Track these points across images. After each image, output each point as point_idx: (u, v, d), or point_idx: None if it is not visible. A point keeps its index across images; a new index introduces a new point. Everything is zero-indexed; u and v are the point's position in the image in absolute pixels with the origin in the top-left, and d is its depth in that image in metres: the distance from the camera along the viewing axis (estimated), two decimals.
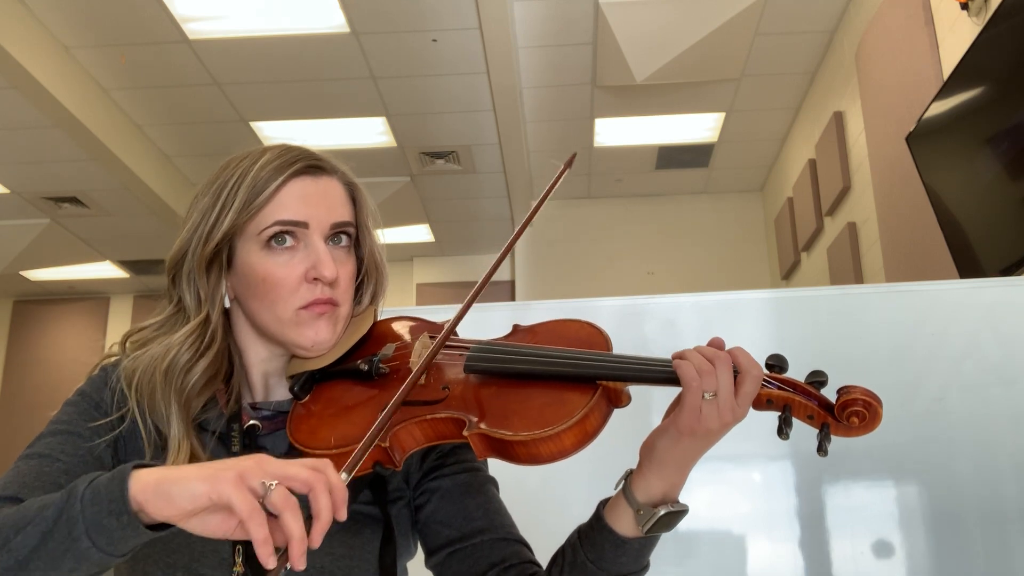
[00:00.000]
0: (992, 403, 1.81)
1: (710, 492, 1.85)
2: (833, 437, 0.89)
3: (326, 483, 0.74)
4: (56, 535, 0.76)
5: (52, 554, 0.76)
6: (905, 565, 1.79)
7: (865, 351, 1.85)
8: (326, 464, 0.76)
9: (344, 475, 0.80)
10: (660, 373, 0.92)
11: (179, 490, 0.74)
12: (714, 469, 1.86)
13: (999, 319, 1.86)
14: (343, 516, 0.75)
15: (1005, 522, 1.77)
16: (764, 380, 0.90)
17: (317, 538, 0.73)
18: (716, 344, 0.91)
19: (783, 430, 0.89)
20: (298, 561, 0.71)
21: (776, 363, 0.91)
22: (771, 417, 0.91)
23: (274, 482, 0.73)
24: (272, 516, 0.72)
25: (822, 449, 0.88)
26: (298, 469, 0.74)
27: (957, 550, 1.77)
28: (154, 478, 0.75)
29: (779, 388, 0.91)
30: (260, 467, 0.74)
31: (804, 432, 0.91)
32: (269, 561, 0.71)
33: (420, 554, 1.09)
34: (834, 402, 0.89)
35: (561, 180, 1.09)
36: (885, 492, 1.84)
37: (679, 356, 0.91)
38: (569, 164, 1.12)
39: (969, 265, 3.08)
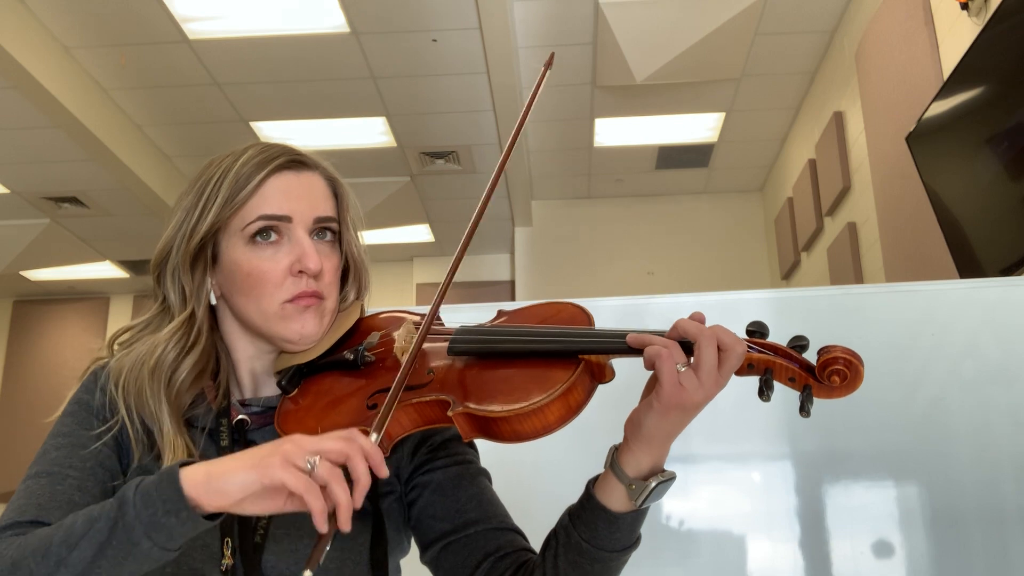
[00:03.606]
0: (992, 403, 1.81)
1: (710, 492, 1.84)
2: (816, 399, 0.90)
3: (360, 449, 0.81)
4: (115, 542, 0.82)
5: (113, 560, 0.82)
6: (905, 565, 1.79)
7: (865, 351, 1.84)
8: (354, 432, 0.83)
9: (374, 435, 0.86)
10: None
11: (230, 482, 0.80)
12: (714, 469, 1.86)
13: (999, 319, 1.86)
14: (385, 473, 0.82)
15: (1005, 522, 1.77)
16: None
17: (359, 499, 0.80)
18: (697, 318, 0.92)
19: (764, 392, 0.90)
20: (346, 524, 0.78)
21: (757, 329, 0.92)
22: (771, 417, 0.90)
23: (316, 458, 0.80)
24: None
25: (804, 409, 0.89)
26: (332, 443, 0.81)
27: (957, 550, 1.77)
28: (204, 475, 0.81)
29: (760, 352, 0.91)
30: (300, 447, 0.81)
31: (805, 433, 0.91)
32: (323, 527, 0.78)
33: (415, 552, 1.09)
34: (815, 363, 0.90)
35: (544, 83, 1.10)
36: (885, 492, 1.84)
37: (647, 342, 0.90)
38: (549, 64, 1.14)
39: (969, 265, 3.08)
